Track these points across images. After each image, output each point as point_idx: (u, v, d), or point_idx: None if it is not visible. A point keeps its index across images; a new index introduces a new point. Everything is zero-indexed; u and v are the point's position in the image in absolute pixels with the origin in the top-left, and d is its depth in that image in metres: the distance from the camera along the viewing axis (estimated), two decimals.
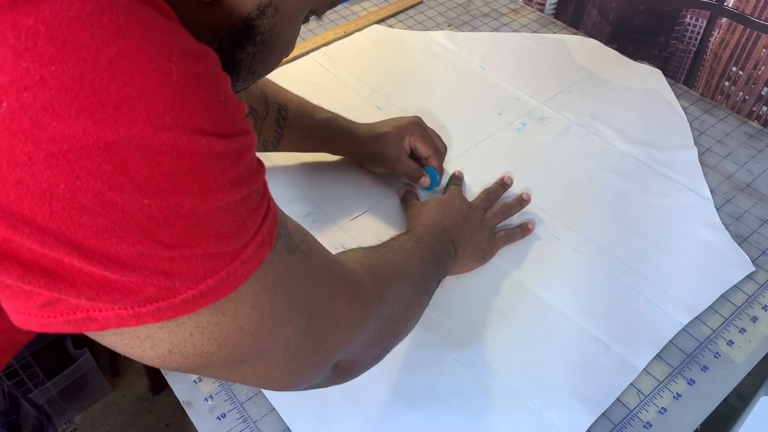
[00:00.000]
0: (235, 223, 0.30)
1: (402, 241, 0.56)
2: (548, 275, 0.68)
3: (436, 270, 0.57)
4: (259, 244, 0.32)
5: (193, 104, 0.28)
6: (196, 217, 0.28)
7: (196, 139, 0.27)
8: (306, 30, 1.03)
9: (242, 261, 0.31)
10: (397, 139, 0.73)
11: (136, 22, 0.26)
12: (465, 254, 0.65)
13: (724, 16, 0.89)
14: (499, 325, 0.63)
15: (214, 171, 0.29)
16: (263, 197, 0.33)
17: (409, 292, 0.50)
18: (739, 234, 0.73)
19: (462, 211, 0.67)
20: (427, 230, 0.60)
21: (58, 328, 0.28)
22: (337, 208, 0.74)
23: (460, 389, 0.58)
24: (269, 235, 0.33)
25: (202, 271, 0.29)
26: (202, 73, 0.28)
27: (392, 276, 0.48)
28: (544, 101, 0.90)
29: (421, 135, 0.74)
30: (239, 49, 0.38)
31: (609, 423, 0.57)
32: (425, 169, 0.75)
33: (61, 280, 0.27)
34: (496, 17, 1.08)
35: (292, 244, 0.36)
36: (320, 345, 0.39)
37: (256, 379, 0.38)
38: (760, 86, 0.88)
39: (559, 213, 0.74)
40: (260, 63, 0.40)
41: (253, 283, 0.32)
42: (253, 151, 0.32)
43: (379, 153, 0.74)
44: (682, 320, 0.64)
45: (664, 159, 0.81)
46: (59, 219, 0.25)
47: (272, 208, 0.34)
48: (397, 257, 0.52)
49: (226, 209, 0.29)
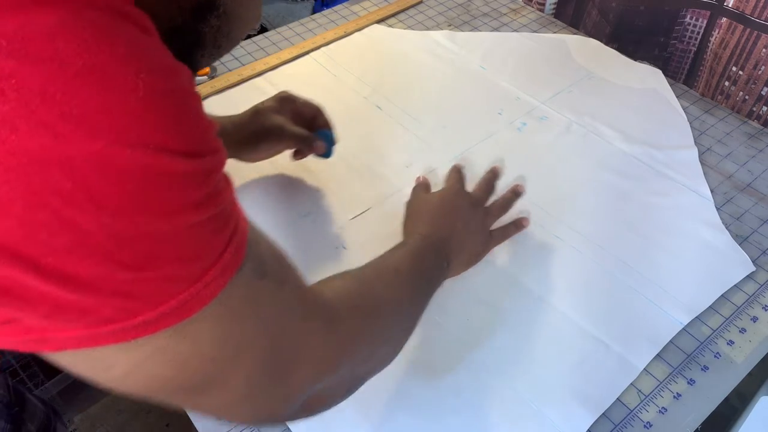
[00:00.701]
0: (199, 245, 0.29)
1: (396, 260, 0.54)
2: (548, 275, 0.68)
3: (426, 294, 0.56)
4: (224, 267, 0.30)
5: (159, 121, 0.27)
6: (158, 238, 0.27)
7: (160, 157, 0.26)
8: (306, 30, 1.03)
9: (205, 283, 0.30)
10: (276, 108, 0.71)
11: (104, 36, 0.25)
12: (458, 263, 0.64)
13: (724, 16, 0.89)
14: (499, 325, 0.63)
15: (179, 191, 0.28)
16: (230, 217, 0.32)
17: (392, 329, 0.48)
18: (739, 234, 0.73)
19: (463, 215, 0.65)
20: (425, 244, 0.58)
21: (15, 346, 0.27)
22: (337, 208, 0.74)
23: (460, 389, 0.58)
24: (235, 258, 0.31)
25: (163, 293, 0.28)
26: (171, 89, 0.28)
27: (376, 313, 0.46)
28: (544, 101, 0.90)
29: (299, 98, 0.72)
30: (203, 23, 0.37)
31: (609, 423, 0.57)
32: (317, 134, 0.72)
33: (16, 299, 0.26)
34: (496, 17, 1.08)
35: (263, 270, 0.34)
36: (287, 380, 0.37)
37: (215, 409, 0.37)
38: (760, 86, 0.88)
39: (559, 213, 0.74)
40: (225, 36, 0.39)
41: (216, 306, 0.31)
42: (222, 170, 0.31)
43: (261, 128, 0.70)
44: (683, 320, 0.64)
45: (664, 159, 0.81)
46: (15, 235, 0.24)
47: (240, 229, 0.32)
48: (386, 287, 0.50)
49: (189, 230, 0.28)
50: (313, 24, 1.04)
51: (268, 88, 0.91)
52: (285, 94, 0.73)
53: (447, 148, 0.82)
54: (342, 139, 0.83)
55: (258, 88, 0.91)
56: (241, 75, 0.92)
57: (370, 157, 0.81)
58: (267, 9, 1.16)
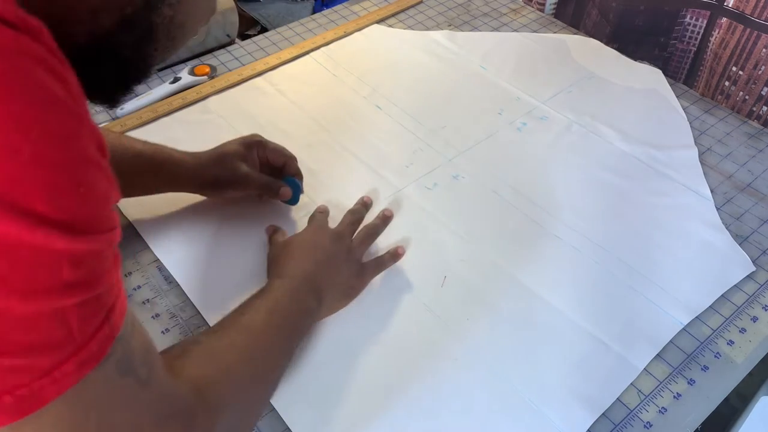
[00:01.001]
0: (58, 333, 0.26)
1: (251, 315, 0.51)
2: (548, 275, 0.68)
3: (288, 346, 0.54)
4: (82, 361, 0.27)
5: (39, 190, 0.24)
6: (9, 321, 0.24)
7: (33, 228, 0.24)
8: (306, 30, 1.03)
9: (54, 379, 0.26)
10: (243, 155, 0.67)
11: (3, 88, 0.24)
12: (332, 299, 0.61)
13: (724, 16, 0.89)
14: (499, 324, 0.63)
15: (48, 270, 0.25)
16: (105, 304, 0.29)
17: (249, 402, 0.47)
18: (739, 234, 0.73)
19: (325, 248, 0.62)
20: (283, 285, 0.56)
21: None
22: (337, 208, 0.74)
23: (460, 389, 0.58)
24: (99, 350, 0.28)
25: (2, 385, 0.25)
26: (63, 158, 0.25)
27: (229, 397, 0.44)
28: (544, 101, 0.90)
29: (269, 144, 0.69)
30: (155, 13, 0.35)
31: (609, 423, 0.57)
32: (284, 181, 0.69)
33: None
34: (496, 17, 1.08)
35: (129, 366, 0.31)
36: None
37: None
38: (760, 86, 0.88)
39: (559, 212, 0.74)
40: (179, 27, 0.38)
41: (60, 405, 0.27)
42: (107, 253, 0.29)
43: (224, 175, 0.67)
44: (683, 320, 0.64)
45: (664, 159, 0.81)
46: None
47: (114, 317, 0.30)
48: (239, 356, 0.47)
49: (50, 316, 0.26)
50: (313, 24, 1.04)
51: (268, 88, 0.91)
52: (255, 139, 0.69)
53: (447, 148, 0.82)
54: (342, 139, 0.83)
55: (258, 88, 0.91)
56: (241, 75, 0.92)
57: (370, 157, 0.81)
58: (267, 9, 1.16)
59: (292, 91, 0.90)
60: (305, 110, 0.87)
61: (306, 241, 0.63)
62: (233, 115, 0.86)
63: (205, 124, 0.85)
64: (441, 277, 0.67)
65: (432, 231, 0.72)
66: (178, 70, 0.92)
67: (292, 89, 0.91)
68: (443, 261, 0.69)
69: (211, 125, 0.84)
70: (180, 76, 0.90)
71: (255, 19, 1.14)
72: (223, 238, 0.70)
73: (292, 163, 0.70)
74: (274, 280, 0.57)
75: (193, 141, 0.82)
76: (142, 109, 0.85)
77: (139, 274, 0.67)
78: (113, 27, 0.33)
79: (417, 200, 0.75)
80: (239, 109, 0.87)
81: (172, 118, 0.85)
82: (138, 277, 0.66)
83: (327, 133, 0.84)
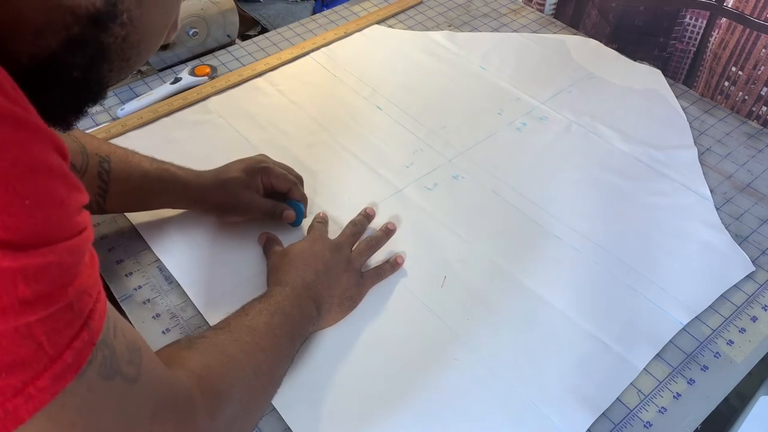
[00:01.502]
0: (26, 351, 0.26)
1: (254, 316, 0.52)
2: (548, 275, 0.68)
3: (290, 347, 0.54)
4: (57, 374, 0.27)
5: None
6: None
7: None
8: (306, 30, 1.03)
9: (28, 396, 0.26)
10: (246, 182, 0.67)
11: None
12: (330, 308, 0.60)
13: (723, 16, 0.89)
14: (499, 324, 0.63)
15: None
16: (78, 312, 0.28)
17: (252, 395, 0.47)
18: (739, 234, 0.73)
19: (325, 258, 0.62)
20: (284, 292, 0.56)
21: None
22: (337, 208, 0.74)
23: (460, 389, 0.58)
24: (77, 360, 0.28)
25: None
26: (2, 174, 0.24)
27: (231, 387, 0.44)
28: (544, 101, 0.90)
29: (273, 170, 0.68)
30: (105, 32, 0.33)
31: (609, 423, 0.57)
32: (288, 203, 0.69)
33: None
34: (496, 17, 1.08)
35: (113, 368, 0.31)
36: None
37: None
38: (759, 86, 0.88)
39: (559, 213, 0.74)
40: (133, 48, 0.36)
41: (42, 420, 0.27)
42: (74, 260, 0.28)
43: (228, 202, 0.67)
44: (682, 320, 0.64)
45: (664, 159, 0.81)
46: None
47: (92, 324, 0.29)
48: (242, 350, 0.48)
49: (12, 335, 0.25)
50: (313, 24, 1.04)
51: (269, 89, 0.91)
52: (260, 166, 0.68)
53: (447, 148, 0.82)
54: (342, 139, 0.83)
55: (258, 89, 0.91)
56: (242, 75, 0.92)
57: (370, 157, 0.81)
58: (267, 9, 1.16)
59: (292, 92, 0.90)
60: (305, 110, 0.88)
61: (305, 250, 0.63)
62: (234, 115, 0.86)
63: (206, 124, 0.85)
64: (441, 277, 0.67)
65: (432, 231, 0.72)
66: (178, 70, 0.92)
67: (293, 89, 0.91)
68: (443, 261, 0.69)
69: (211, 125, 0.85)
70: (180, 76, 0.90)
71: (255, 19, 1.14)
72: (224, 238, 0.70)
73: (297, 189, 0.69)
74: (274, 287, 0.58)
75: (193, 141, 0.82)
76: (143, 110, 0.85)
77: (139, 274, 0.67)
78: (59, 47, 0.31)
79: (417, 200, 0.76)
80: (240, 110, 0.87)
81: (172, 119, 0.85)
82: (138, 277, 0.66)
83: (327, 133, 0.84)
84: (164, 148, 0.70)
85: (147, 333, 0.61)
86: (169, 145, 0.80)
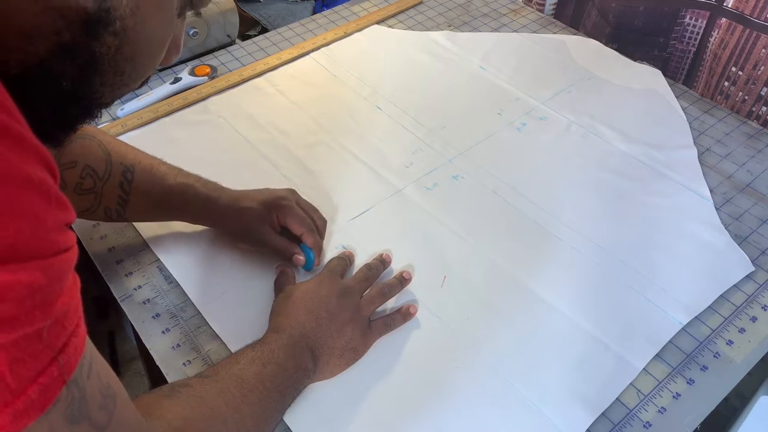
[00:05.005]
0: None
1: (244, 365, 0.50)
2: (548, 275, 0.68)
3: (280, 401, 0.51)
4: (18, 412, 0.24)
5: None
6: None
7: None
8: (306, 30, 1.03)
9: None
10: (261, 216, 0.64)
11: None
12: (330, 359, 0.57)
13: (723, 16, 0.89)
14: (499, 324, 0.63)
15: None
16: (48, 344, 0.25)
17: None
18: (738, 234, 0.73)
19: (330, 304, 0.58)
20: (280, 340, 0.53)
21: None
22: (337, 208, 0.74)
23: (460, 389, 0.58)
24: (42, 398, 0.25)
25: None
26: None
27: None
28: (544, 101, 0.90)
29: (291, 211, 0.65)
30: (96, 40, 0.32)
31: (609, 423, 0.57)
32: (301, 247, 0.65)
33: None
34: (496, 17, 1.08)
35: (81, 412, 0.28)
36: None
37: None
38: (759, 86, 0.88)
39: (559, 213, 0.74)
40: (128, 60, 0.34)
41: None
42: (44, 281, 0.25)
43: (240, 230, 0.65)
44: (682, 320, 0.64)
45: (664, 159, 0.81)
46: None
47: (63, 360, 0.26)
48: (227, 403, 0.45)
49: None
50: (313, 24, 1.04)
51: (269, 89, 0.91)
52: (280, 203, 0.65)
53: (447, 148, 0.82)
54: (342, 140, 0.83)
55: (258, 89, 0.91)
56: (242, 75, 0.92)
57: (370, 157, 0.81)
58: (267, 9, 1.16)
59: (292, 92, 0.91)
60: (305, 110, 0.88)
61: (310, 293, 0.59)
62: (234, 115, 0.86)
63: (206, 124, 0.85)
64: (441, 277, 0.67)
65: (432, 231, 0.72)
66: (178, 70, 0.92)
67: (293, 89, 0.91)
68: (443, 261, 0.69)
69: (211, 125, 0.85)
70: (180, 76, 0.90)
71: (255, 19, 1.14)
72: (224, 238, 0.70)
73: (310, 236, 0.65)
74: (271, 333, 0.55)
75: (193, 141, 0.82)
76: (143, 110, 0.85)
77: (139, 274, 0.67)
78: (49, 55, 0.30)
79: (417, 200, 0.76)
80: (240, 110, 0.87)
81: (172, 119, 0.85)
82: (138, 277, 0.66)
83: (327, 133, 0.84)
84: (164, 148, 0.70)
85: (147, 333, 0.61)
86: (169, 145, 0.80)
